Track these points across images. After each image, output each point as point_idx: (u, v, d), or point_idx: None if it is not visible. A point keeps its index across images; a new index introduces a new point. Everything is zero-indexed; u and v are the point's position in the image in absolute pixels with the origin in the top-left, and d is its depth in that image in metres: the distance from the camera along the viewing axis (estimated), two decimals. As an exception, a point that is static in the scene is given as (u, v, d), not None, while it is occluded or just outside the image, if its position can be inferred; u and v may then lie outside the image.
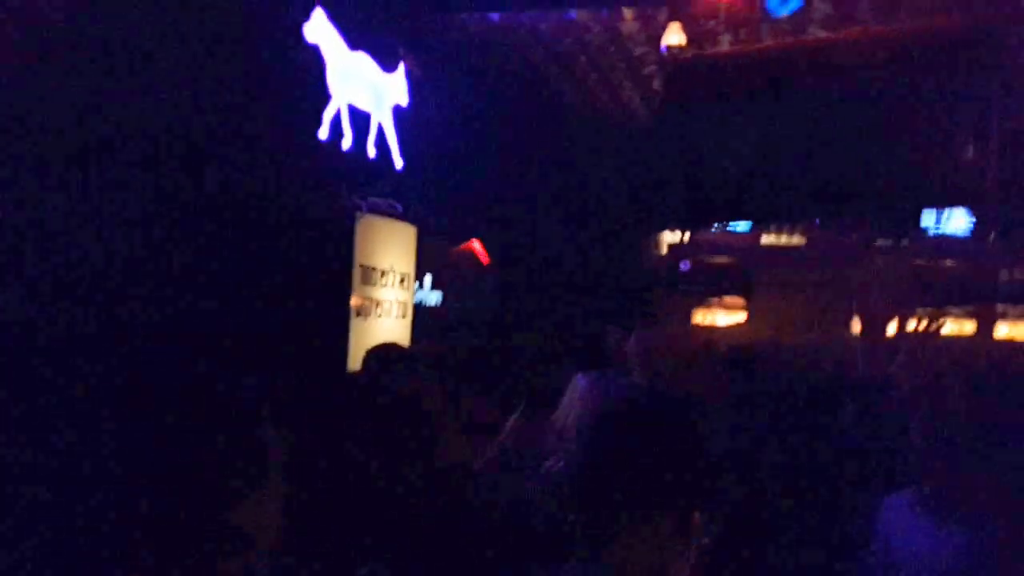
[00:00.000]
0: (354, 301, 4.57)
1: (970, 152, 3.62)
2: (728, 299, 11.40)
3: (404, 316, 5.12)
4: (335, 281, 4.42)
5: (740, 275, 11.76)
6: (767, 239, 10.89)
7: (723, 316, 10.41)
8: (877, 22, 4.93)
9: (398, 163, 5.33)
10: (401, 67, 5.39)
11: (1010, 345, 9.93)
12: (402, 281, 5.11)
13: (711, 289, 11.15)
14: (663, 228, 10.22)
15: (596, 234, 9.30)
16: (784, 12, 4.14)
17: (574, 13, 5.78)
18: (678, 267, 9.98)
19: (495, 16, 5.91)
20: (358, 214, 4.50)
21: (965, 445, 2.88)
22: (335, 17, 4.57)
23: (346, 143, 4.72)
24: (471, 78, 6.39)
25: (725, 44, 5.53)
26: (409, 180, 5.41)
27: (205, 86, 3.75)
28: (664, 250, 11.63)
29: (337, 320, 4.39)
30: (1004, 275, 10.14)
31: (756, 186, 4.08)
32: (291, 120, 4.31)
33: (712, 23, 5.48)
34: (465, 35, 6.13)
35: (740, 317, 11.75)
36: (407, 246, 5.19)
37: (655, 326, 11.35)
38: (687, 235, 10.58)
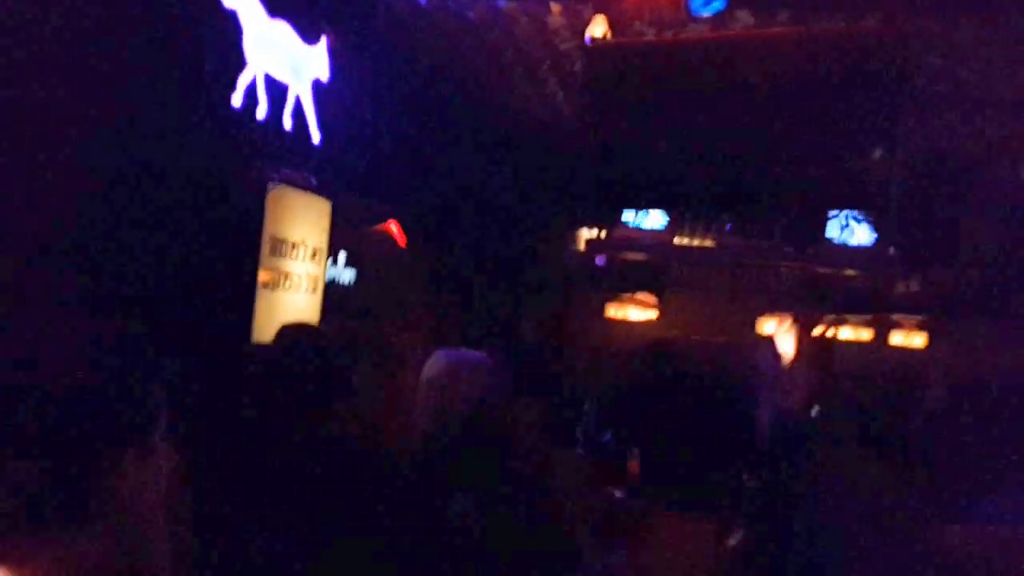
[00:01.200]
0: (262, 273, 4.52)
1: (877, 158, 3.79)
2: (640, 296, 11.67)
3: (314, 291, 5.08)
4: (243, 251, 4.36)
5: (653, 273, 12.05)
6: (680, 240, 11.18)
7: (635, 311, 10.67)
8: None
9: (315, 137, 5.28)
10: (323, 41, 5.34)
11: (903, 352, 10.45)
12: (313, 255, 5.07)
13: (624, 285, 11.39)
14: (580, 221, 10.38)
15: (516, 226, 9.37)
16: (706, 12, 4.26)
17: (502, 2, 5.82)
18: (594, 262, 10.17)
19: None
20: (270, 184, 4.44)
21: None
22: (255, -16, 4.50)
23: (261, 112, 4.65)
24: (395, 59, 6.37)
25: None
26: (326, 156, 5.37)
27: (113, 44, 3.65)
28: (582, 245, 11.82)
29: (243, 290, 4.34)
30: (900, 287, 10.66)
31: (669, 178, 4.18)
32: (204, 85, 4.23)
33: (636, 21, 5.60)
34: (391, 15, 6.10)
35: (651, 314, 12.03)
36: (320, 220, 5.15)
37: (571, 318, 11.52)
38: (603, 232, 10.78)
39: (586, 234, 11.77)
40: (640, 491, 3.37)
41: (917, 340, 10.19)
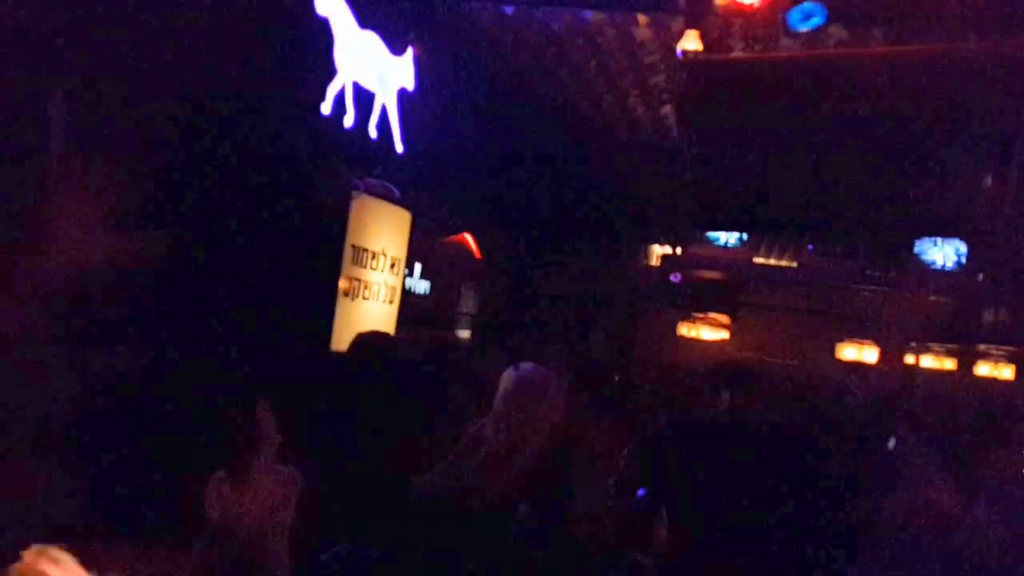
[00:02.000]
0: (342, 281, 4.52)
1: (988, 183, 3.59)
2: (713, 315, 11.41)
3: (391, 302, 5.07)
4: (325, 258, 4.37)
5: (728, 292, 11.79)
6: (758, 258, 10.93)
7: (708, 331, 10.43)
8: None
9: (399, 147, 5.29)
10: (409, 51, 5.35)
11: (990, 383, 10.00)
12: (392, 266, 5.06)
13: (699, 304, 11.16)
14: (656, 238, 10.21)
15: (589, 242, 9.27)
16: (804, 28, 4.11)
17: (589, 15, 5.75)
18: (668, 279, 9.99)
19: (508, 10, 5.87)
20: (354, 193, 4.45)
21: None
22: (348, -5, 4.53)
23: (348, 120, 4.67)
24: (479, 71, 6.35)
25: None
26: (408, 166, 5.37)
27: (212, 53, 3.69)
28: (655, 261, 11.65)
29: (324, 299, 4.34)
30: (989, 315, 10.21)
31: (757, 199, 4.04)
32: (296, 92, 4.26)
33: (729, 36, 5.47)
34: (477, 27, 6.09)
35: (724, 335, 11.77)
36: (401, 231, 5.14)
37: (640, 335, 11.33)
38: (679, 248, 10.58)
39: (659, 250, 11.59)
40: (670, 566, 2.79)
41: (1006, 372, 9.74)
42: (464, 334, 7.62)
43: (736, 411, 2.85)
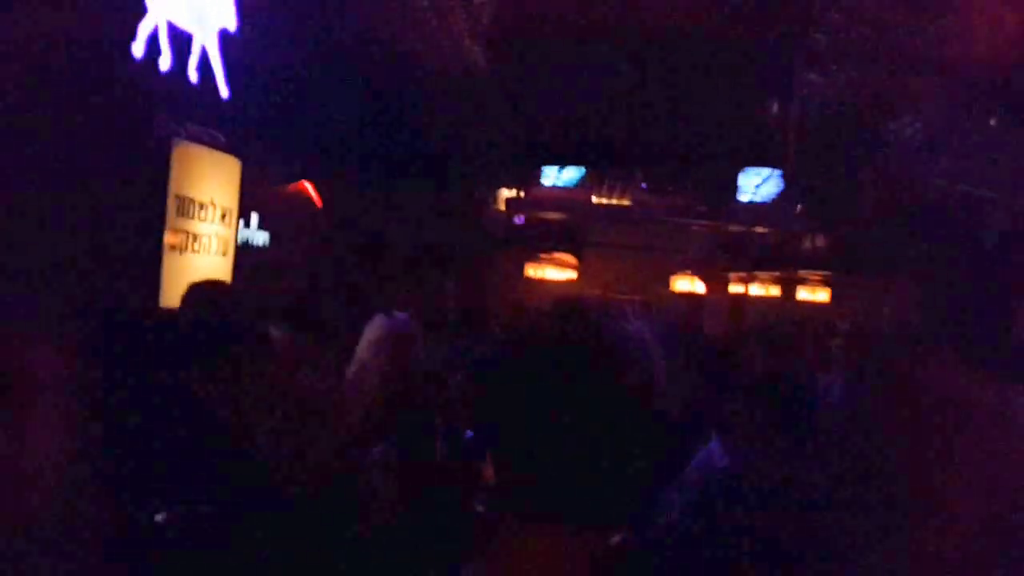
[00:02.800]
0: (168, 235, 4.31)
1: (774, 112, 3.81)
2: (559, 255, 11.71)
3: (225, 253, 4.89)
4: (148, 211, 4.14)
5: (572, 232, 12.09)
6: (597, 199, 11.22)
7: (553, 271, 10.70)
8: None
9: (223, 91, 5.04)
10: (230, -11, 5.08)
11: (809, 306, 10.82)
12: (223, 216, 4.87)
13: (544, 244, 11.41)
14: (499, 180, 10.29)
15: (436, 188, 9.21)
16: None
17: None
18: (512, 221, 10.13)
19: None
20: (175, 140, 4.22)
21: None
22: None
23: (164, 63, 4.40)
24: (306, 10, 6.12)
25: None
26: (236, 111, 5.14)
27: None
28: (501, 205, 11.76)
29: (149, 253, 4.13)
30: (807, 243, 10.99)
31: (582, 132, 4.12)
32: (102, 31, 3.96)
33: None
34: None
35: (571, 274, 12.11)
36: (230, 179, 4.94)
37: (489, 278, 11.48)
38: (522, 191, 10.73)
39: (505, 193, 11.70)
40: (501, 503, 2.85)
41: (821, 295, 10.55)
42: (311, 285, 7.44)
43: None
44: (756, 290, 11.79)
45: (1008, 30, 5.57)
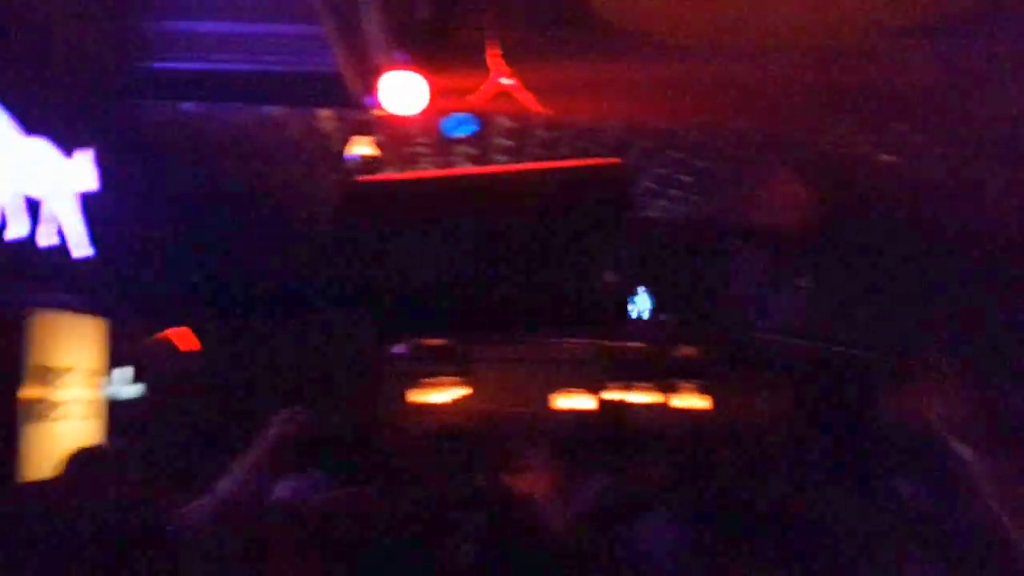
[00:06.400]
0: (26, 404, 4.23)
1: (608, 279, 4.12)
2: (444, 379, 11.80)
3: (94, 416, 4.80)
4: (2, 384, 4.08)
5: (456, 355, 12.24)
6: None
7: (438, 395, 10.79)
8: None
9: (86, 250, 5.05)
10: (88, 152, 5.16)
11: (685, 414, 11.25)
12: (88, 378, 4.81)
13: (426, 370, 11.49)
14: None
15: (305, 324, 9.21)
16: (459, 134, 4.58)
17: (268, 109, 5.85)
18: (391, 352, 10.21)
19: (188, 107, 5.85)
20: (29, 309, 4.20)
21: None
22: (8, 102, 4.33)
23: (19, 232, 4.41)
24: (166, 167, 6.24)
25: (421, 157, 6.00)
26: (96, 272, 5.14)
27: None
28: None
29: (3, 426, 4.04)
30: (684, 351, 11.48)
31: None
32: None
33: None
34: (159, 123, 6.00)
35: (463, 391, 12.21)
36: (93, 340, 4.90)
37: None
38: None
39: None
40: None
41: (700, 403, 11.01)
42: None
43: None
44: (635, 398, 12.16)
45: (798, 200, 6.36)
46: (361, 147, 5.09)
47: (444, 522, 2.94)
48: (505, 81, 4.19)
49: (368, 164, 5.13)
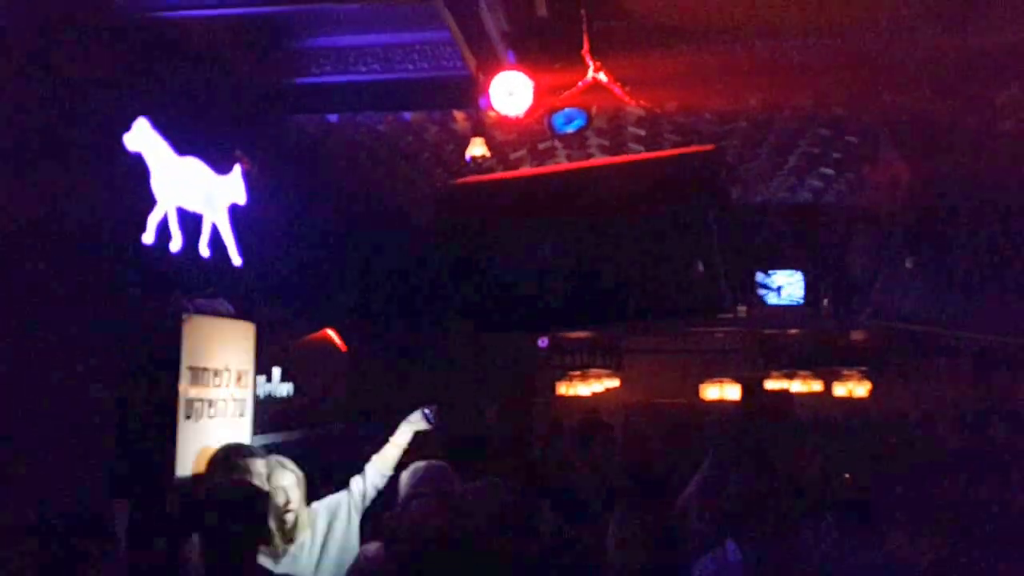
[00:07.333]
0: (183, 403, 4.59)
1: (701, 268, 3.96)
2: (593, 371, 11.80)
3: (242, 415, 5.15)
4: (161, 384, 4.45)
5: (606, 347, 12.20)
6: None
7: (584, 387, 10.80)
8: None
9: (236, 260, 5.42)
10: (237, 168, 5.52)
11: (847, 401, 10.68)
12: (239, 379, 5.15)
13: (575, 363, 11.53)
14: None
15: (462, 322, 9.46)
16: (568, 130, 4.55)
17: (408, 115, 6.05)
18: (537, 345, 10.30)
19: (333, 117, 6.13)
20: (184, 316, 4.56)
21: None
22: (161, 125, 4.70)
23: (175, 245, 4.79)
24: (315, 175, 6.58)
25: (525, 156, 6.02)
26: (248, 279, 5.50)
27: (12, 197, 3.80)
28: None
29: (163, 424, 4.41)
30: (842, 340, 10.93)
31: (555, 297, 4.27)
32: (112, 227, 4.38)
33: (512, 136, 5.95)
34: (304, 135, 6.33)
35: (610, 383, 12.16)
36: (243, 343, 5.25)
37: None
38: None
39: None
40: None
41: (860, 390, 10.41)
42: (340, 427, 7.69)
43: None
44: (798, 387, 11.70)
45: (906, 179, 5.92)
46: (475, 148, 5.18)
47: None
48: (600, 76, 4.14)
49: (479, 165, 5.21)
